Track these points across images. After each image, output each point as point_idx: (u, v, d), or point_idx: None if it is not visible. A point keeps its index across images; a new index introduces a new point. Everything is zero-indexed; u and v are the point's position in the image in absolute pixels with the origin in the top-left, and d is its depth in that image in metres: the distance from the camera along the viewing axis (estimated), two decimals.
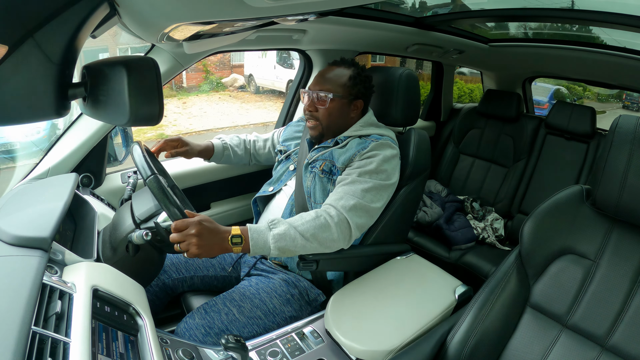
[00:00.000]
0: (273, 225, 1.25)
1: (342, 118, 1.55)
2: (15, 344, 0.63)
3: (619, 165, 0.97)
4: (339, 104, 1.52)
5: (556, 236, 1.10)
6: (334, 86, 1.51)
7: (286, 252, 1.25)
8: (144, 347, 0.89)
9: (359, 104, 1.56)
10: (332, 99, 1.50)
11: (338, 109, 1.53)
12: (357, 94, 1.54)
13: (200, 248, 1.11)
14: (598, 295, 1.02)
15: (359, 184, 1.38)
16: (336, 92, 1.51)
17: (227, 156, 1.81)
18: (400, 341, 1.19)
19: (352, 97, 1.54)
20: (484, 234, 2.53)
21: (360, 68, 1.58)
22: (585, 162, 2.58)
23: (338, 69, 1.55)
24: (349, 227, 1.33)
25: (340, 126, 1.56)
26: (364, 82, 1.55)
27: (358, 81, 1.54)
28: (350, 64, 1.58)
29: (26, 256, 0.85)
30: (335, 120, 1.54)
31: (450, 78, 3.31)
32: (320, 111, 1.53)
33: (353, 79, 1.53)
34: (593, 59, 2.31)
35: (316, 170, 1.51)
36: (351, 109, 1.55)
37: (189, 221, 1.12)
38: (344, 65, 1.57)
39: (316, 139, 1.58)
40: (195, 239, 1.10)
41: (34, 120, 0.67)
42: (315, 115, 1.54)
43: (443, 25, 2.21)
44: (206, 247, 1.12)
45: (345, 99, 1.52)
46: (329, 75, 1.54)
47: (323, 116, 1.53)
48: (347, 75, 1.53)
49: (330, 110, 1.52)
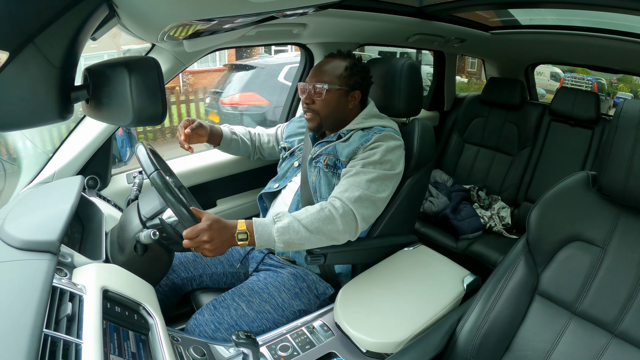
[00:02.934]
0: (277, 219, 1.26)
1: (340, 109, 1.54)
2: (27, 347, 0.63)
3: (625, 150, 0.96)
4: (335, 95, 1.51)
5: (563, 223, 1.10)
6: (330, 77, 1.51)
7: (292, 246, 1.26)
8: (155, 345, 0.90)
9: (357, 95, 1.55)
10: (329, 90, 1.50)
11: (335, 100, 1.52)
12: (354, 85, 1.53)
13: (213, 251, 1.17)
14: (606, 281, 1.02)
15: (363, 175, 1.38)
16: (332, 84, 1.50)
17: (234, 145, 1.80)
18: (410, 332, 1.19)
19: (348, 88, 1.53)
20: (491, 222, 2.53)
21: (357, 59, 1.57)
22: (591, 148, 2.57)
23: (334, 61, 1.55)
24: (354, 218, 1.33)
25: (339, 118, 1.56)
26: (360, 72, 1.54)
27: (355, 72, 1.53)
28: (347, 56, 1.57)
29: (35, 260, 0.86)
30: (332, 112, 1.53)
31: (453, 67, 3.29)
32: (317, 103, 1.52)
33: (349, 70, 1.52)
34: (595, 44, 2.29)
35: (320, 164, 1.51)
36: (349, 100, 1.54)
37: (200, 228, 1.15)
38: (340, 57, 1.56)
39: (315, 130, 1.58)
40: (207, 245, 1.15)
41: (38, 124, 0.68)
42: (312, 107, 1.53)
43: (444, 14, 2.19)
44: (217, 248, 1.17)
45: (342, 90, 1.52)
46: (325, 67, 1.54)
47: (320, 108, 1.52)
48: (343, 67, 1.52)
49: (327, 102, 1.51)
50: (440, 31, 2.33)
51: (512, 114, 2.88)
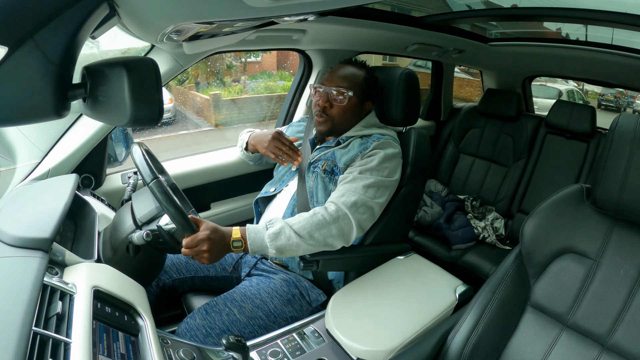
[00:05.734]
0: (270, 225, 1.27)
1: (353, 117, 1.55)
2: (16, 344, 0.63)
3: (619, 164, 0.96)
4: (354, 103, 1.53)
5: (557, 235, 1.10)
6: (351, 84, 1.51)
7: (286, 252, 1.26)
8: (144, 347, 0.89)
9: (368, 106, 1.58)
10: (351, 97, 1.50)
11: (352, 108, 1.53)
12: (368, 96, 1.56)
13: (210, 260, 1.20)
14: (599, 294, 1.02)
15: (360, 181, 1.38)
16: (355, 91, 1.51)
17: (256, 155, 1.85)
18: (401, 341, 1.19)
19: (364, 98, 1.55)
20: (484, 233, 2.53)
21: (370, 69, 1.59)
22: (586, 161, 2.58)
23: (352, 68, 1.56)
24: (350, 223, 1.33)
25: (349, 125, 1.56)
26: (375, 84, 1.58)
27: (371, 83, 1.56)
28: (362, 65, 1.59)
29: (27, 257, 0.85)
30: (347, 119, 1.54)
31: (450, 77, 3.31)
32: (335, 108, 1.52)
33: (367, 81, 1.54)
34: (592, 58, 2.31)
35: (318, 170, 1.51)
36: (361, 110, 1.57)
37: (200, 238, 1.17)
38: (356, 66, 1.57)
39: (324, 134, 1.58)
40: (206, 254, 1.18)
41: (34, 121, 0.67)
42: (328, 111, 1.53)
43: (443, 25, 2.21)
44: (214, 257, 1.20)
45: (360, 99, 1.54)
46: (346, 73, 1.54)
47: (337, 113, 1.52)
48: (363, 76, 1.54)
49: (345, 108, 1.51)
50: (439, 41, 2.34)
51: (508, 126, 2.90)
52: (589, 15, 1.76)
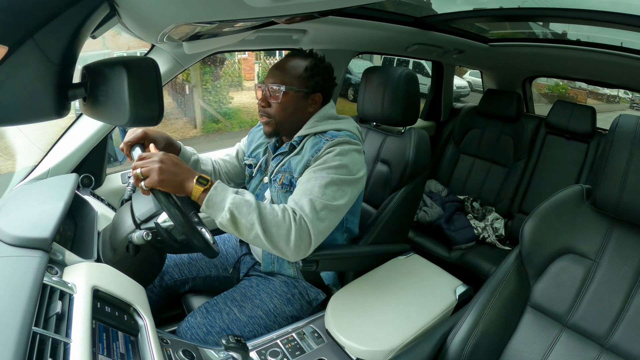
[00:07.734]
0: (241, 192, 1.15)
1: (298, 113, 1.40)
2: (15, 344, 0.63)
3: (619, 164, 0.96)
4: (293, 97, 1.37)
5: (556, 236, 1.10)
6: (288, 78, 1.36)
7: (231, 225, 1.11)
8: (144, 347, 0.89)
9: (317, 98, 1.41)
10: (285, 92, 1.35)
11: (292, 104, 1.37)
12: (314, 87, 1.39)
13: (162, 174, 1.05)
14: (598, 294, 1.02)
15: (315, 181, 1.24)
16: (290, 85, 1.35)
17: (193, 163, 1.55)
18: (400, 341, 1.19)
19: (308, 90, 1.38)
20: (484, 233, 2.53)
21: (319, 58, 1.42)
22: (586, 161, 2.58)
23: (294, 60, 1.39)
24: (308, 234, 1.17)
25: (297, 123, 1.41)
26: (322, 73, 1.40)
27: (316, 72, 1.38)
28: (308, 55, 1.42)
29: (26, 257, 0.85)
30: (289, 116, 1.39)
31: (450, 78, 3.31)
32: (273, 106, 1.37)
33: (310, 70, 1.37)
34: (593, 59, 2.31)
35: (276, 184, 1.41)
36: (308, 104, 1.40)
37: (157, 155, 1.07)
38: (301, 56, 1.41)
39: (270, 136, 1.44)
40: (157, 165, 1.05)
41: (34, 120, 0.67)
42: (267, 110, 1.39)
43: (443, 25, 2.21)
44: (168, 176, 1.06)
45: (301, 92, 1.37)
46: (284, 66, 1.38)
47: (276, 111, 1.37)
48: (303, 66, 1.37)
49: (283, 105, 1.36)
50: (439, 42, 2.34)
51: (509, 126, 2.90)
52: (591, 16, 1.76)
